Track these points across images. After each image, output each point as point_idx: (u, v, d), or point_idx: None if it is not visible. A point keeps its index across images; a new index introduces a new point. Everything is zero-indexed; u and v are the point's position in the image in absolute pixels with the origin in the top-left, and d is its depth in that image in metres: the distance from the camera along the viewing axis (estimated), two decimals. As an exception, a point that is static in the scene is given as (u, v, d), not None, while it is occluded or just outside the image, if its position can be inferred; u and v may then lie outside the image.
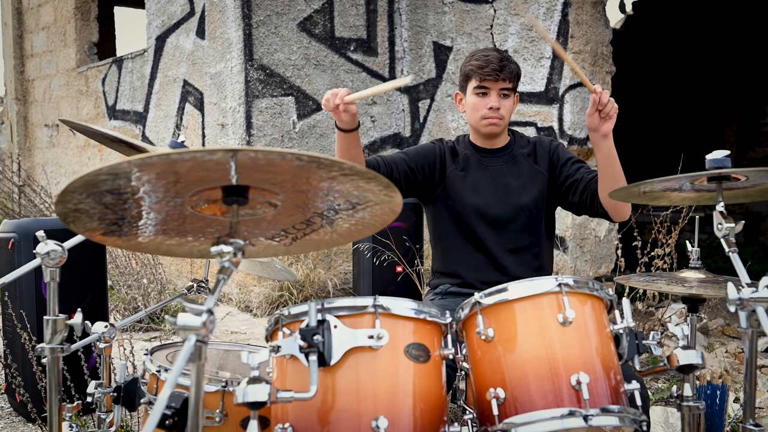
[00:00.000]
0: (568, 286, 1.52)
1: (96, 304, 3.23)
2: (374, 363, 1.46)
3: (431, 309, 1.56)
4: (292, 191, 1.38)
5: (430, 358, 1.52)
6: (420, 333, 1.53)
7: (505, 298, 1.55)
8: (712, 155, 1.66)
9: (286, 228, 1.56)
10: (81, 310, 1.93)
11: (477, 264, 2.39)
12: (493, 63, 2.28)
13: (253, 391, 1.30)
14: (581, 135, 4.94)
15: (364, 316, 1.48)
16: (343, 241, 1.63)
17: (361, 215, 1.49)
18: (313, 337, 1.39)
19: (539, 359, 1.48)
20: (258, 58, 5.02)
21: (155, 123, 6.15)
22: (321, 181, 1.34)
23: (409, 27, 5.75)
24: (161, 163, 1.21)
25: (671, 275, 2.13)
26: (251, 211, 1.46)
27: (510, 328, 1.53)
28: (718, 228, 1.61)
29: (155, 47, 6.02)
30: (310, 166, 1.25)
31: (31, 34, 8.42)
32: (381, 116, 5.69)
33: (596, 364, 1.49)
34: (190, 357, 1.20)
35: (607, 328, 1.56)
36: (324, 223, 1.52)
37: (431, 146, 2.47)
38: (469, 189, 2.39)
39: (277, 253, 1.70)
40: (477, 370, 1.56)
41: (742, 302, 1.47)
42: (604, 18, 5.09)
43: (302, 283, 4.97)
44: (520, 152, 2.45)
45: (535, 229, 2.44)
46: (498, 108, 2.31)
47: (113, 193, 1.29)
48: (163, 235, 1.55)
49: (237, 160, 1.21)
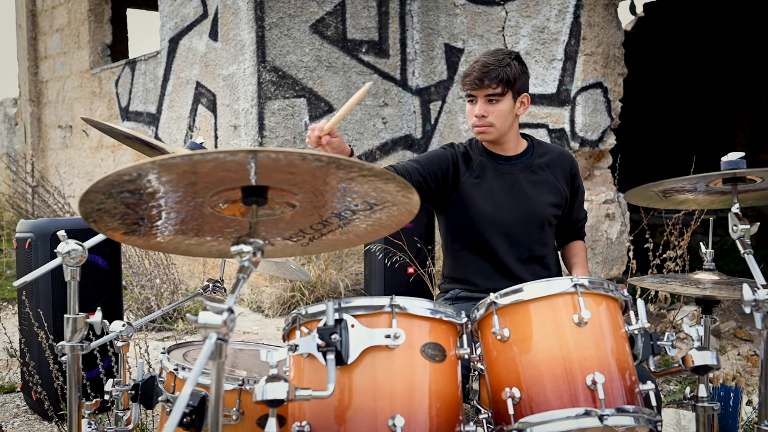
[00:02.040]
0: (584, 286, 1.53)
1: (111, 303, 3.26)
2: (391, 362, 1.47)
3: (447, 309, 1.58)
4: (311, 192, 1.40)
5: (446, 357, 1.53)
6: (436, 332, 1.54)
7: (520, 298, 1.56)
8: (727, 157, 1.66)
9: (304, 228, 1.57)
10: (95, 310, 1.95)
11: (488, 272, 2.37)
12: (476, 71, 2.24)
13: (272, 388, 1.32)
14: (593, 137, 4.94)
15: (380, 316, 1.49)
16: (359, 241, 1.65)
17: (378, 216, 1.50)
18: (330, 336, 1.41)
19: (554, 359, 1.49)
20: (270, 60, 5.05)
21: (168, 124, 6.19)
22: (339, 182, 1.35)
23: (421, 29, 5.77)
24: (184, 163, 1.23)
25: (685, 277, 2.14)
26: (270, 211, 1.47)
27: (525, 328, 1.54)
28: (733, 230, 1.62)
29: (168, 49, 6.07)
30: (330, 167, 1.27)
31: (45, 36, 8.49)
32: (392, 118, 5.71)
33: (611, 364, 1.50)
34: (210, 355, 1.22)
35: (622, 328, 1.57)
36: (341, 224, 1.54)
37: (443, 152, 2.43)
38: (484, 197, 2.36)
39: (294, 253, 1.72)
40: (493, 370, 1.57)
41: (757, 303, 1.48)
42: (616, 20, 5.08)
43: (314, 284, 4.99)
44: (538, 161, 2.42)
45: (548, 240, 2.44)
46: (484, 115, 2.28)
47: (135, 193, 1.31)
48: (182, 235, 1.57)
49: (257, 160, 1.22)
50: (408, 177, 2.31)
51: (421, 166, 2.36)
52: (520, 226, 2.36)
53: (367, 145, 5.58)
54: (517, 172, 2.40)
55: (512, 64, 2.30)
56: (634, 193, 1.77)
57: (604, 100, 5.00)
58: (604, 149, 5.08)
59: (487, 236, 2.36)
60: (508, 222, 2.36)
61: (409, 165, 2.36)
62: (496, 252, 2.36)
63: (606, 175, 5.23)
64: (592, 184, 5.16)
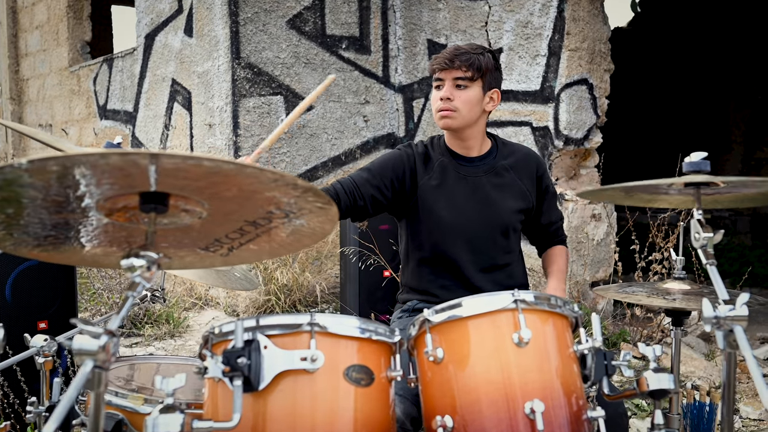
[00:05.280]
0: (525, 302, 1.37)
1: (64, 311, 3.11)
2: (312, 387, 1.32)
3: (378, 327, 1.42)
4: (217, 198, 1.25)
5: (374, 380, 1.38)
6: (364, 353, 1.39)
7: (457, 314, 1.41)
8: (689, 158, 1.51)
9: (219, 238, 1.43)
10: (48, 317, 1.80)
11: (448, 282, 2.21)
12: (447, 53, 2.11)
13: (164, 421, 1.17)
14: (578, 135, 4.78)
15: (299, 336, 1.34)
16: (285, 251, 1.51)
17: (300, 223, 1.36)
18: (237, 359, 1.26)
19: (493, 384, 1.34)
20: (245, 56, 4.89)
21: (144, 123, 6.04)
22: (247, 188, 1.21)
23: (404, 24, 5.61)
24: (58, 164, 1.08)
25: (653, 286, 1.98)
26: (176, 219, 1.33)
27: (462, 348, 1.39)
28: (695, 238, 1.46)
29: (144, 45, 5.91)
30: (234, 171, 1.12)
31: (25, 33, 8.33)
32: (374, 116, 5.56)
33: (556, 389, 1.35)
34: (86, 383, 1.07)
35: (570, 348, 1.42)
36: (258, 233, 1.39)
37: (398, 155, 2.24)
38: (444, 201, 2.19)
39: (215, 264, 1.58)
40: (426, 394, 1.42)
41: (718, 321, 1.32)
42: (602, 14, 4.92)
43: (290, 288, 4.84)
44: (502, 163, 2.26)
45: (512, 247, 2.28)
46: (449, 98, 2.12)
47: (14, 201, 1.16)
48: (90, 246, 1.43)
49: (157, 165, 1.08)
50: (357, 194, 2.14)
51: (372, 176, 2.18)
52: (482, 233, 2.20)
53: (348, 144, 5.42)
54: (480, 175, 2.23)
55: (486, 55, 2.17)
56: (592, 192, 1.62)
57: (589, 97, 4.84)
58: (589, 148, 4.91)
59: (446, 244, 2.20)
60: (470, 229, 2.19)
61: (358, 177, 2.18)
62: (456, 261, 2.20)
63: (592, 174, 5.07)
64: (578, 183, 5.00)
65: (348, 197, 2.13)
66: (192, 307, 5.13)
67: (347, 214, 2.18)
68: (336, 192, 2.13)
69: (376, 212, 2.22)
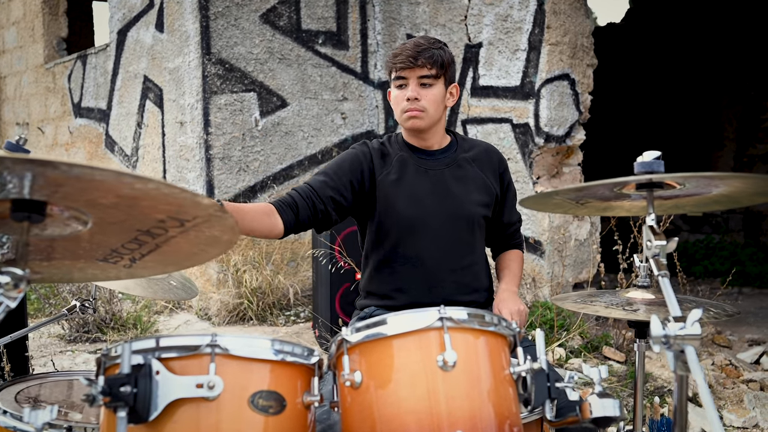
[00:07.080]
0: (452, 320, 1.23)
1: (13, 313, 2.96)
2: (211, 417, 1.18)
3: (295, 348, 1.28)
4: (95, 207, 1.11)
5: (285, 407, 1.23)
6: (275, 378, 1.24)
7: (381, 333, 1.26)
8: (641, 157, 1.37)
9: (116, 248, 1.29)
10: None
11: (409, 284, 2.08)
12: (408, 50, 1.99)
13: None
14: (559, 132, 4.63)
15: (198, 359, 1.20)
16: (192, 262, 1.37)
17: (200, 232, 1.22)
18: (120, 387, 1.11)
19: (416, 413, 1.20)
20: (216, 52, 4.74)
21: (118, 121, 5.89)
22: (125, 195, 1.07)
23: (383, 19, 5.46)
24: None
25: (615, 295, 1.84)
26: (58, 229, 1.19)
27: (384, 371, 1.24)
28: (647, 246, 1.32)
29: (117, 41, 5.76)
30: (105, 177, 0.98)
31: (2, 29, 8.17)
32: (352, 113, 5.41)
33: (486, 416, 1.20)
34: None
35: (505, 369, 1.27)
36: (158, 242, 1.25)
37: (354, 153, 2.12)
38: (404, 196, 2.07)
39: (120, 276, 1.44)
40: (345, 421, 1.28)
41: (668, 340, 1.18)
42: (584, 7, 4.77)
43: (263, 291, 4.69)
44: (464, 156, 2.16)
45: (477, 245, 2.15)
46: (417, 98, 2.01)
47: None
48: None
49: None
50: (315, 200, 2.00)
51: (329, 178, 2.05)
52: (445, 227, 2.07)
53: (325, 142, 5.27)
54: (442, 168, 2.12)
55: (445, 48, 2.07)
56: (534, 200, 1.47)
57: (571, 92, 4.69)
58: (572, 145, 4.77)
59: (407, 241, 2.07)
60: (432, 223, 2.07)
61: (316, 182, 2.05)
62: (417, 259, 2.07)
63: (575, 172, 4.93)
64: (561, 182, 4.86)
65: (306, 202, 1.99)
66: (163, 310, 4.98)
67: (311, 224, 2.04)
68: (293, 199, 1.99)
69: (341, 216, 2.08)
